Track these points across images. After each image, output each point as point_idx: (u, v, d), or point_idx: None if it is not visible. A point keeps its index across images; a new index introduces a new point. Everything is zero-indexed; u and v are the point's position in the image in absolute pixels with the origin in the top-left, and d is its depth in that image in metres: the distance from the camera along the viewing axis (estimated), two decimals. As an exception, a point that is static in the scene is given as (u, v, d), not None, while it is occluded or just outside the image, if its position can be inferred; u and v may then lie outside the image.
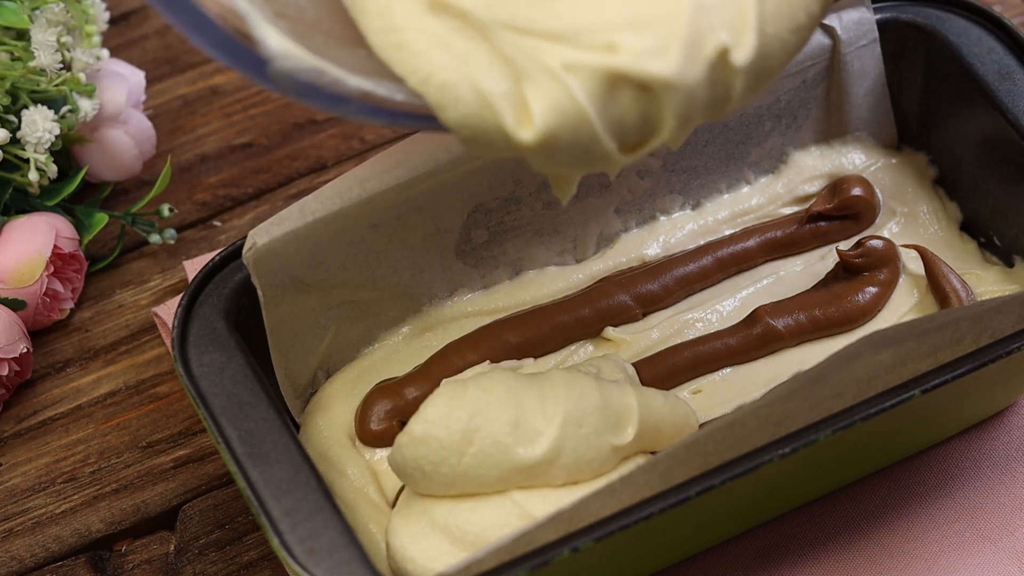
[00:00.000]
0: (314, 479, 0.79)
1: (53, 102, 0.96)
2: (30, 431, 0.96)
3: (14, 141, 0.95)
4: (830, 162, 0.98)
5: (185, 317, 0.85)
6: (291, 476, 0.79)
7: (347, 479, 0.86)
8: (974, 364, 0.81)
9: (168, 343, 0.97)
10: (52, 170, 0.96)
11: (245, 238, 0.83)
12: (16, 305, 0.95)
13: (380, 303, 0.91)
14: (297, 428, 0.89)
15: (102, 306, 1.01)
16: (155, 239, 1.01)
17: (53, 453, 0.95)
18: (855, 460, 0.87)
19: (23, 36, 0.96)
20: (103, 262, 1.02)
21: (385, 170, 0.86)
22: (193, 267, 1.00)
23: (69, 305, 0.99)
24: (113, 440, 0.95)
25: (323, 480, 0.80)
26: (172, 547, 0.91)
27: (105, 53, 1.00)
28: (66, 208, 1.00)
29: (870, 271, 0.93)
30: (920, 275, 0.93)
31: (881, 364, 0.78)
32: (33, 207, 0.98)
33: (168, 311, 0.97)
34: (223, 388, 0.82)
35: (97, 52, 0.98)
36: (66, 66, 0.97)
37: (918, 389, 0.80)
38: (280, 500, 0.79)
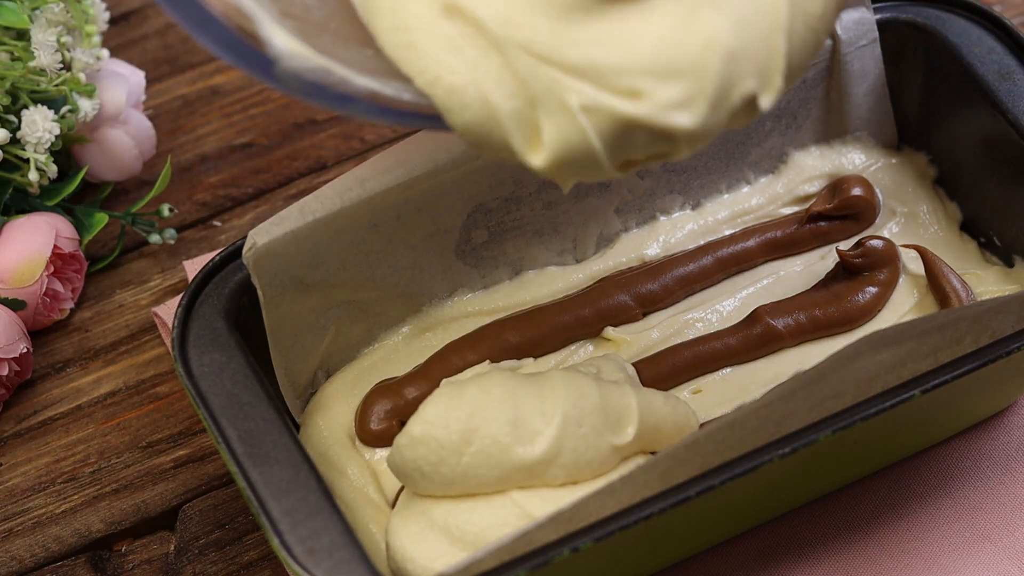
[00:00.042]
0: (314, 479, 0.79)
1: (53, 102, 0.96)
2: (30, 431, 0.96)
3: (14, 141, 0.95)
4: (830, 162, 0.98)
5: (185, 317, 0.85)
6: (291, 476, 0.79)
7: (347, 479, 0.86)
8: (974, 364, 0.81)
9: (168, 343, 0.97)
10: (52, 170, 0.96)
11: (245, 238, 0.83)
12: (16, 305, 0.95)
13: (380, 303, 0.91)
14: (297, 428, 0.89)
15: (102, 306, 1.01)
16: (155, 239, 1.01)
17: (53, 453, 0.95)
18: (855, 460, 0.87)
19: (23, 36, 0.96)
20: (103, 262, 1.02)
21: (385, 170, 0.86)
22: (193, 267, 1.00)
23: (69, 305, 0.99)
24: (113, 440, 0.95)
25: (323, 480, 0.80)
26: (172, 547, 0.91)
27: (105, 53, 1.00)
28: (66, 208, 1.00)
29: (870, 271, 0.93)
30: (920, 275, 0.93)
31: (881, 364, 0.78)
32: (33, 207, 0.98)
33: (168, 311, 0.97)
34: (223, 388, 0.82)
35: (97, 52, 0.98)
36: (66, 66, 0.97)
37: (918, 389, 0.80)
38: (280, 500, 0.78)
